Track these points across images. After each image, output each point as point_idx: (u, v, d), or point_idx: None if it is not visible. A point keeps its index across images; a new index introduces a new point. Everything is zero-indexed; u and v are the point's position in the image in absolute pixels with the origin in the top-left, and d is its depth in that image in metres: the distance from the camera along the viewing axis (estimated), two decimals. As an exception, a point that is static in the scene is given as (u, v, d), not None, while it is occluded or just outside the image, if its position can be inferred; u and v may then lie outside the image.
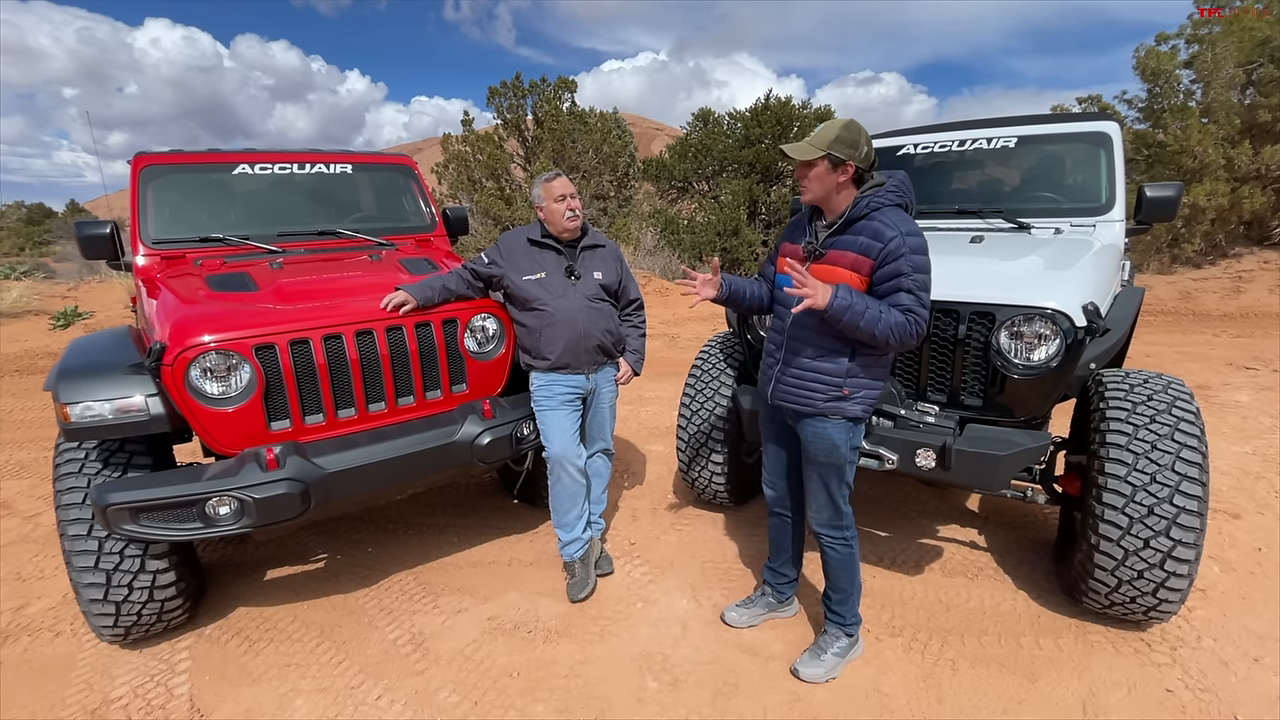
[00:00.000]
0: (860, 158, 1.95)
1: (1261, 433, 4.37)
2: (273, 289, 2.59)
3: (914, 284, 1.89)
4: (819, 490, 2.18)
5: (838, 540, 2.22)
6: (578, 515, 2.81)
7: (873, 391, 2.06)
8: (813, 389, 2.06)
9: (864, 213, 1.96)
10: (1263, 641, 2.38)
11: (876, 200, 1.96)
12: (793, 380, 2.10)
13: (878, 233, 1.91)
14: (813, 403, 2.06)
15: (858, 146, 1.94)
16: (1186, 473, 2.17)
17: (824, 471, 2.14)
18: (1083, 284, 2.45)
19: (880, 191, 1.98)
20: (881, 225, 1.91)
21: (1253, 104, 10.45)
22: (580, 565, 2.83)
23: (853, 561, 2.24)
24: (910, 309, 1.89)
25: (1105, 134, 3.34)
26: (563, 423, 2.70)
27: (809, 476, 2.21)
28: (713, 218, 13.85)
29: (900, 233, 1.89)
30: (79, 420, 2.20)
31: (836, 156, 1.93)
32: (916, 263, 1.90)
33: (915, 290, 1.89)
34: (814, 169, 1.97)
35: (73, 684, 2.34)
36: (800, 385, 2.08)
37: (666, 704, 2.18)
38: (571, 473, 2.73)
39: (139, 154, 3.24)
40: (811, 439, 2.12)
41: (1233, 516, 3.26)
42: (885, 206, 1.96)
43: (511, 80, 13.89)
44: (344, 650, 2.48)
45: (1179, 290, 9.83)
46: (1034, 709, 2.11)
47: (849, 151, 1.93)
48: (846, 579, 2.26)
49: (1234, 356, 6.48)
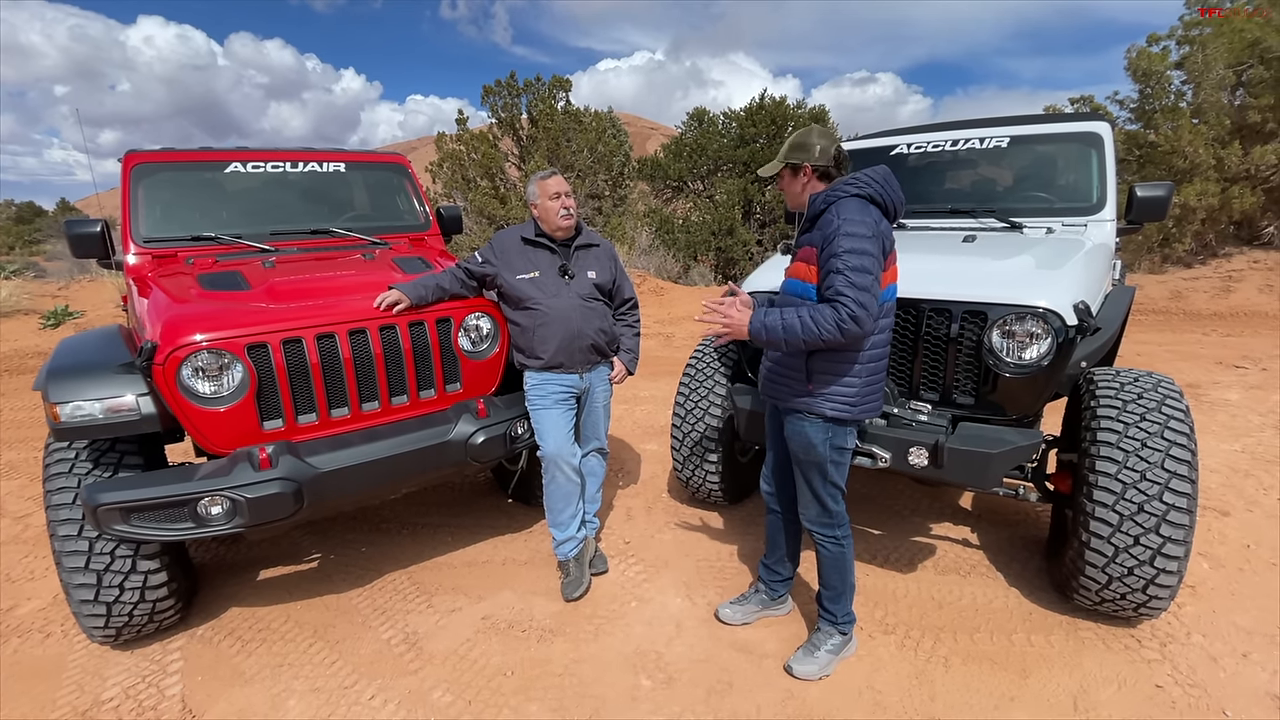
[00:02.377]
0: (814, 157, 2.03)
1: (1250, 430, 4.41)
2: (265, 288, 2.57)
3: (844, 265, 1.87)
4: (803, 487, 2.22)
5: (828, 539, 2.23)
6: (572, 514, 2.81)
7: (845, 391, 2.03)
8: (781, 383, 2.15)
9: (821, 208, 2.02)
10: (1251, 637, 2.40)
11: (832, 195, 2.01)
12: (770, 373, 2.21)
13: (826, 222, 1.97)
14: (781, 395, 2.15)
15: (809, 149, 2.04)
16: (1176, 470, 2.19)
17: (805, 469, 2.18)
18: (1074, 283, 2.47)
19: (838, 185, 2.02)
20: (831, 215, 1.96)
21: (1243, 105, 10.52)
22: (575, 564, 2.83)
23: (844, 561, 2.25)
24: (839, 291, 1.86)
25: (1097, 134, 3.37)
26: (557, 422, 2.70)
27: (795, 473, 2.25)
28: (707, 217, 13.87)
29: (844, 219, 1.91)
30: (69, 420, 2.18)
31: (793, 163, 2.08)
32: (849, 245, 1.87)
33: (845, 271, 1.86)
34: (782, 181, 2.15)
35: (63, 685, 2.32)
36: (774, 378, 2.19)
37: (661, 702, 2.18)
38: (566, 472, 2.73)
39: (130, 152, 3.22)
40: (790, 435, 2.18)
41: (1222, 513, 3.29)
42: (842, 199, 1.98)
43: (506, 79, 13.85)
44: (337, 650, 2.47)
45: (1170, 289, 9.90)
46: (1026, 705, 2.13)
47: (802, 155, 2.05)
48: (837, 577, 2.27)
49: (1224, 355, 6.53)
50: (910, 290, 2.53)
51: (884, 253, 1.96)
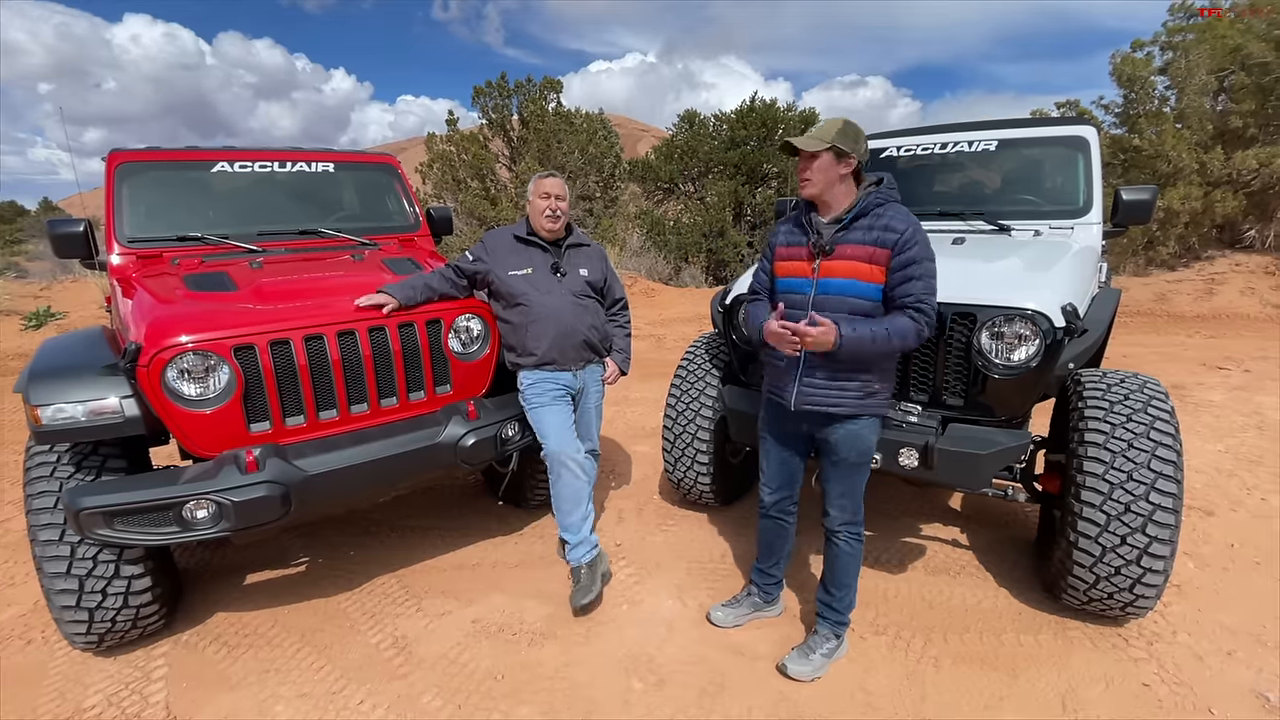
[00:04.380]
0: (861, 153, 2.02)
1: (1234, 431, 4.47)
2: (252, 289, 2.54)
3: (924, 272, 1.95)
4: (847, 492, 2.20)
5: (854, 536, 2.25)
6: (583, 516, 2.72)
7: (888, 389, 2.13)
8: (845, 389, 2.05)
9: (873, 207, 2.01)
10: (1235, 636, 2.43)
11: (882, 195, 2.03)
12: (820, 383, 2.06)
13: (889, 225, 1.97)
14: (844, 402, 2.06)
15: (859, 142, 2.02)
16: (1161, 470, 2.21)
17: (853, 471, 2.17)
18: (1061, 285, 2.49)
19: (884, 188, 2.05)
20: (893, 218, 1.98)
21: (1225, 110, 10.69)
22: (587, 571, 2.68)
23: (859, 557, 2.29)
24: (920, 298, 1.94)
25: (1083, 138, 3.40)
26: (557, 417, 2.68)
27: (836, 479, 2.20)
28: (698, 219, 13.89)
29: (912, 225, 1.97)
30: (51, 423, 2.15)
31: (841, 149, 1.98)
32: (928, 253, 1.97)
33: (925, 278, 1.95)
34: (818, 160, 2.00)
35: (44, 693, 2.28)
36: (831, 387, 2.06)
37: (653, 704, 2.17)
38: (572, 468, 2.66)
39: (114, 150, 3.17)
40: (846, 441, 2.11)
41: (1207, 513, 3.33)
42: (891, 202, 2.03)
43: (497, 80, 13.84)
44: (325, 655, 2.45)
45: (1154, 292, 10.03)
46: (1015, 704, 2.14)
47: (852, 145, 1.99)
48: (852, 575, 2.30)
49: (1207, 357, 6.62)
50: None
51: None
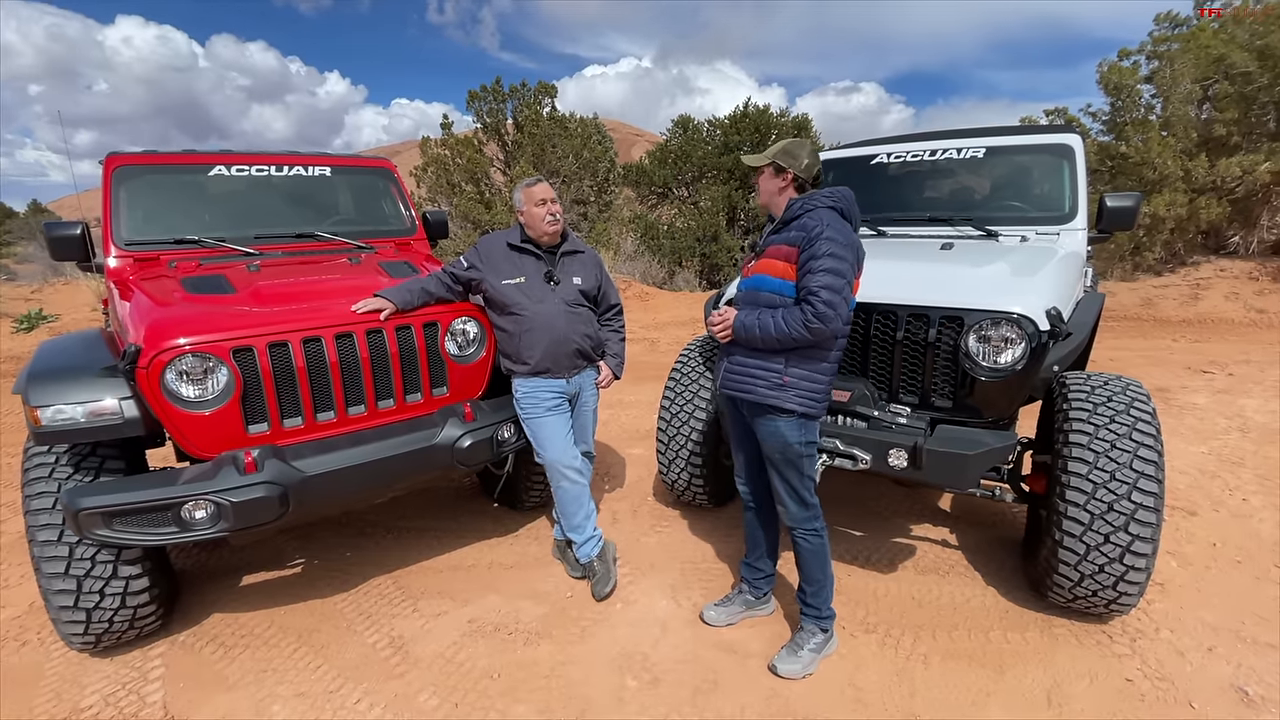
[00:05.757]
0: (800, 168, 2.18)
1: (1217, 433, 4.55)
2: (250, 291, 2.57)
3: (822, 267, 2.01)
4: (783, 489, 2.27)
5: (810, 532, 2.29)
6: (586, 515, 2.85)
7: (815, 388, 2.14)
8: (754, 376, 2.18)
9: (798, 213, 2.14)
10: (1216, 632, 2.49)
11: (810, 203, 2.15)
12: (735, 369, 2.24)
13: (804, 225, 2.09)
14: (755, 389, 2.17)
15: (798, 159, 2.18)
16: (1143, 470, 2.27)
17: (783, 469, 2.23)
18: (1047, 290, 2.55)
19: (815, 195, 2.17)
20: (809, 219, 2.09)
21: (1209, 119, 10.87)
22: (599, 562, 2.85)
23: (824, 552, 2.32)
24: (811, 290, 2.00)
25: (1069, 146, 3.47)
26: (554, 428, 2.73)
27: (772, 477, 2.30)
28: (692, 223, 13.95)
29: (823, 225, 2.05)
30: (50, 424, 2.16)
31: (779, 165, 2.20)
32: (830, 249, 2.01)
33: (822, 273, 2.01)
34: (762, 175, 2.26)
35: (41, 693, 2.29)
36: (742, 373, 2.21)
37: (647, 703, 2.21)
38: (571, 476, 2.77)
39: (111, 154, 3.19)
40: (766, 437, 2.22)
41: (1189, 513, 3.40)
42: (819, 208, 2.13)
43: (492, 84, 13.86)
44: (322, 655, 2.46)
45: (1140, 297, 10.16)
46: (1002, 700, 2.19)
47: (789, 161, 2.19)
48: (819, 569, 2.33)
49: (1192, 361, 6.72)
50: (890, 296, 2.60)
51: (858, 263, 2.10)
